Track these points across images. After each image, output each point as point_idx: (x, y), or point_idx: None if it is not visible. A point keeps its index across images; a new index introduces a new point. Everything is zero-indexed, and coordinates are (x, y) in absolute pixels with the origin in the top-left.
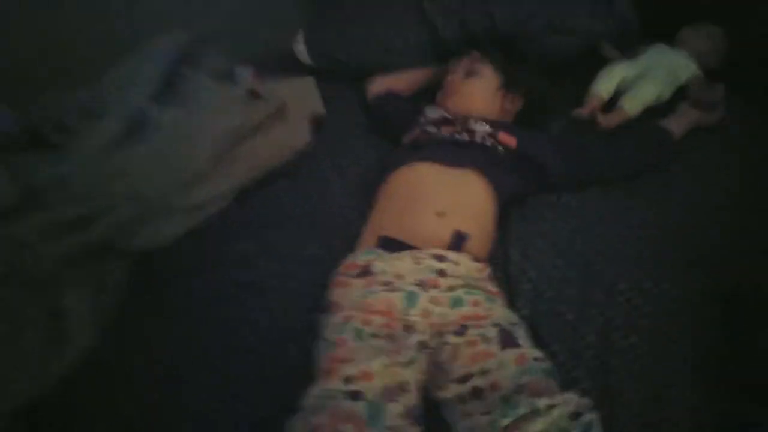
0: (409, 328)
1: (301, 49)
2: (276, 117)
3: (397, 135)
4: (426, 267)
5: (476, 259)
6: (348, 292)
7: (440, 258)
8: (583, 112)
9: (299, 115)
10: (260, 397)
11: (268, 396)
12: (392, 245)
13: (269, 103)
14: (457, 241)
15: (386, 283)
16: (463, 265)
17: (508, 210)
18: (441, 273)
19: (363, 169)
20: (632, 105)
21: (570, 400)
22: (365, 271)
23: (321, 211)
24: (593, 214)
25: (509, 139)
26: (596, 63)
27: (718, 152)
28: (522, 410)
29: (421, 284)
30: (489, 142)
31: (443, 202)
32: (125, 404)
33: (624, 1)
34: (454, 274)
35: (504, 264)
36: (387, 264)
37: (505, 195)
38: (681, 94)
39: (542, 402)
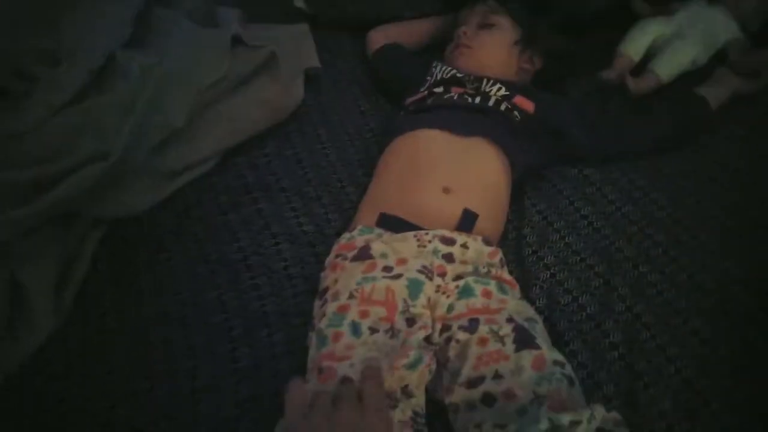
0: (411, 321)
1: None
2: (264, 69)
3: (401, 94)
4: (431, 251)
5: (488, 242)
6: (343, 277)
7: (448, 241)
8: (610, 75)
9: (292, 68)
10: (238, 390)
11: (248, 385)
12: (393, 224)
13: (257, 52)
14: (467, 221)
15: (386, 269)
16: (473, 249)
17: (523, 184)
18: (448, 258)
19: (362, 134)
20: (665, 69)
21: (597, 416)
22: (363, 254)
23: (314, 180)
24: (619, 190)
25: (526, 103)
26: (625, 19)
27: (762, 124)
28: (542, 426)
29: (426, 271)
30: (503, 106)
31: (451, 176)
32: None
33: None
34: (463, 259)
35: (517, 247)
36: (387, 246)
37: (521, 168)
38: (718, 58)
39: (565, 418)
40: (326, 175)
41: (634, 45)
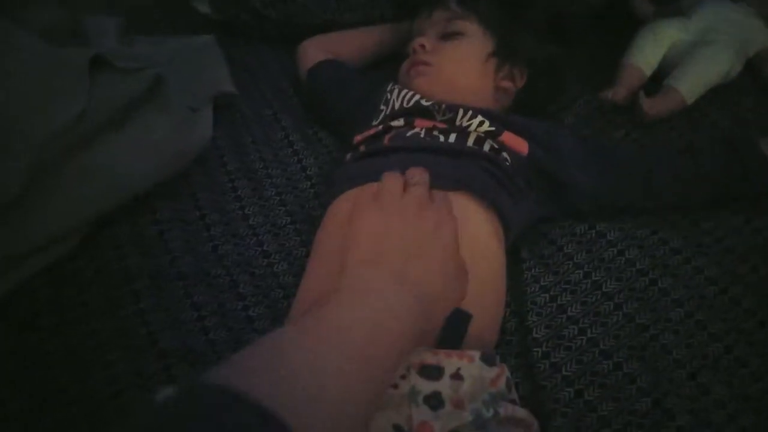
0: None
1: None
2: (149, 100)
3: (346, 128)
4: (407, 394)
5: (489, 360)
6: None
7: (430, 371)
8: (617, 94)
9: (193, 95)
10: None
11: None
12: None
13: (136, 77)
14: (456, 328)
15: None
16: (470, 378)
17: (518, 246)
18: (434, 402)
19: (296, 185)
20: (689, 86)
21: None
22: None
23: (229, 260)
24: (649, 255)
25: (518, 142)
26: (623, 23)
27: None
28: None
29: None
30: (488, 146)
31: None
32: None
33: None
34: (456, 398)
35: (522, 348)
36: None
37: (516, 229)
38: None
39: None
40: (246, 252)
41: (645, 55)
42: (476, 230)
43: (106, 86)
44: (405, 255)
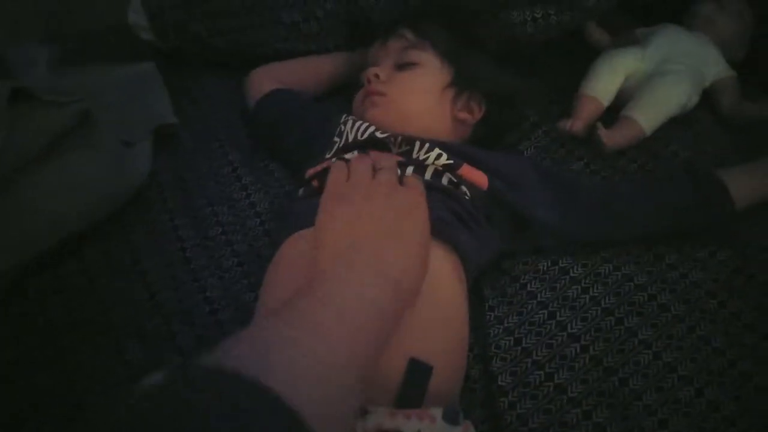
0: None
1: (137, 19)
2: (78, 135)
3: (298, 160)
4: None
5: (452, 418)
6: None
7: None
8: (575, 125)
9: (130, 128)
10: None
11: None
12: None
13: (61, 111)
14: (416, 383)
15: None
16: None
17: (479, 284)
18: None
19: (244, 222)
20: (648, 117)
21: None
22: None
23: (167, 310)
24: (613, 292)
25: (476, 175)
26: (577, 51)
27: None
28: None
29: None
30: (446, 180)
31: None
32: None
33: None
34: None
35: (488, 398)
36: None
37: (478, 266)
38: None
39: None
40: (186, 300)
41: (602, 85)
42: (437, 272)
43: (29, 120)
44: (379, 240)
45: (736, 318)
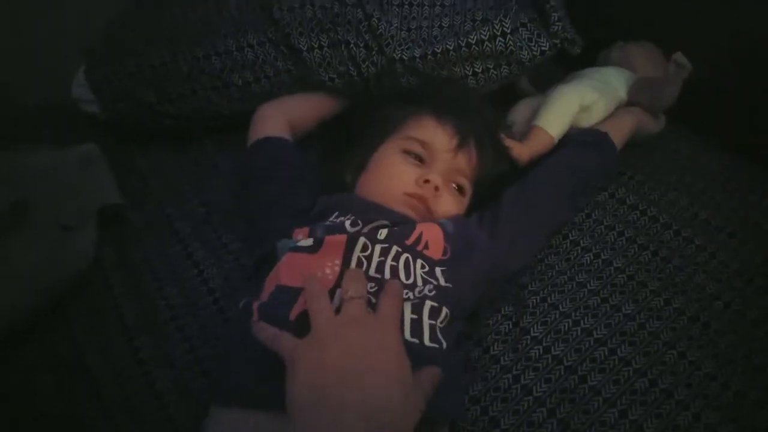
0: None
1: (81, 93)
2: (13, 223)
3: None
4: None
5: None
6: None
7: None
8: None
9: (69, 213)
10: None
11: None
12: None
13: None
14: None
15: None
16: None
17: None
18: None
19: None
20: (554, 123)
21: None
22: None
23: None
24: (570, 349)
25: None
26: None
27: None
28: None
29: None
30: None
31: None
32: None
33: (566, 18)
34: None
35: None
36: None
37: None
38: None
39: None
40: (133, 397)
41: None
42: None
43: None
44: (344, 386)
45: (680, 313)
